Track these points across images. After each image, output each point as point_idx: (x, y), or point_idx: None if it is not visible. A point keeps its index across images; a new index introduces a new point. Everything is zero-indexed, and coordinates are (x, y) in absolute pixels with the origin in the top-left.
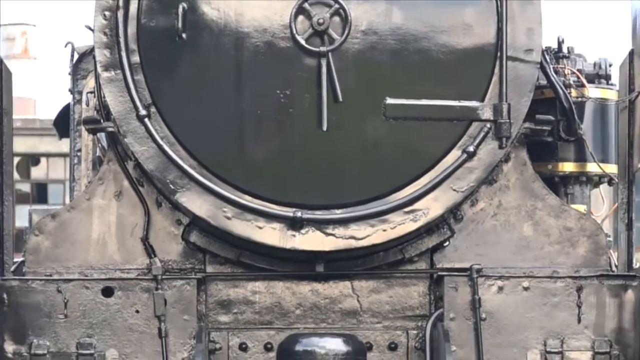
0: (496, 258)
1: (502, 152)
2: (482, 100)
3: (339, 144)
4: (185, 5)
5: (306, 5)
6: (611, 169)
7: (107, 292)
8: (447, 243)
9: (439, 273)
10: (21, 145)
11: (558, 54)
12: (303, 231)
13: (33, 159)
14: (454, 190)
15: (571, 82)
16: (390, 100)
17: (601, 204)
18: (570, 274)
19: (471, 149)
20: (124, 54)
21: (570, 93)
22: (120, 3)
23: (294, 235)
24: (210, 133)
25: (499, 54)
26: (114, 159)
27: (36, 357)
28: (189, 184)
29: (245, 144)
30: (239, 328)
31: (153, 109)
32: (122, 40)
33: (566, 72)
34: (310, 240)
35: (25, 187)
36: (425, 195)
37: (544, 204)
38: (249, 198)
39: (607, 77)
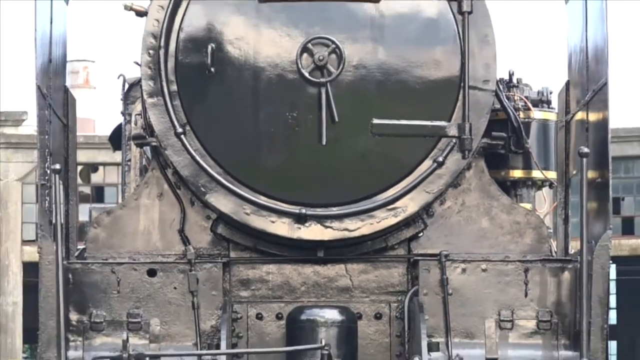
0: (460, 246)
1: (465, 162)
2: (449, 120)
3: (335, 155)
4: (213, 45)
5: (309, 45)
6: (551, 175)
7: (151, 273)
8: (421, 234)
9: (415, 258)
10: (83, 156)
11: (509, 84)
12: (307, 225)
13: (92, 167)
14: (427, 192)
15: (520, 106)
16: (376, 121)
17: (543, 203)
18: (519, 259)
19: (440, 159)
20: (164, 84)
21: (519, 115)
22: (162, 43)
23: (299, 228)
24: (233, 146)
25: (462, 84)
26: (157, 167)
27: (95, 325)
28: (216, 187)
29: (261, 155)
30: (256, 301)
31: (187, 128)
32: (163, 73)
33: (516, 98)
34: (313, 232)
35: (87, 190)
36: (403, 196)
37: (498, 203)
38: (264, 198)
39: (548, 102)
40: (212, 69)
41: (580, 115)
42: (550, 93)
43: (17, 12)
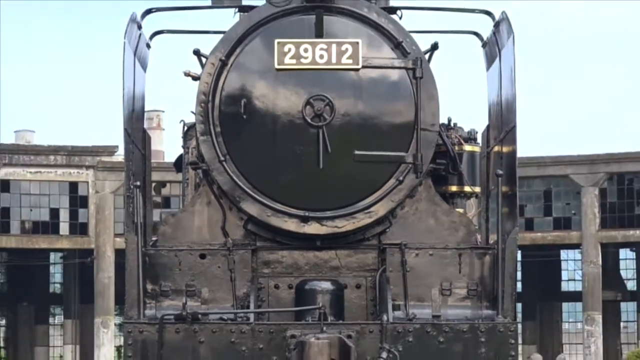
0: (414, 238)
1: (418, 180)
2: (407, 151)
3: (328, 175)
4: (245, 100)
5: (311, 100)
6: (477, 189)
7: (202, 256)
8: (388, 230)
9: (383, 246)
10: (156, 176)
11: (448, 126)
12: (309, 223)
13: (162, 184)
14: (392, 201)
15: (455, 142)
16: (357, 152)
17: (471, 208)
18: (455, 247)
19: (401, 178)
20: (211, 127)
21: (454, 148)
22: (210, 98)
23: (304, 225)
24: (258, 169)
25: (416, 127)
26: (206, 184)
27: (163, 292)
28: (247, 197)
29: (278, 175)
30: (274, 276)
31: (227, 157)
32: (210, 119)
33: (452, 136)
34: (313, 228)
35: (158, 199)
36: (375, 203)
37: (440, 208)
38: (280, 205)
39: (475, 139)
40: (244, 116)
41: (497, 148)
42: (476, 133)
43: (111, 72)
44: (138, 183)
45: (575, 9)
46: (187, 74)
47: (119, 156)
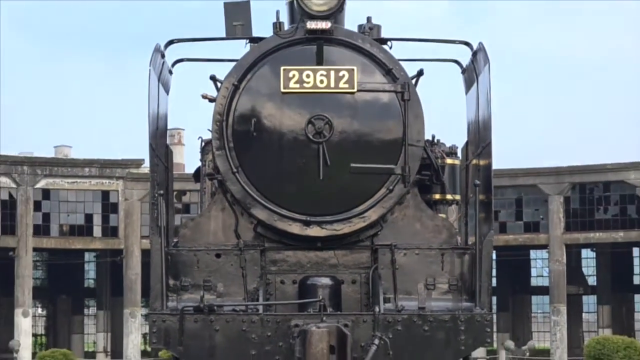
0: (402, 240)
1: (406, 189)
2: (396, 163)
3: (328, 185)
4: (255, 119)
5: (312, 119)
6: (457, 197)
7: (218, 255)
8: (379, 232)
9: (376, 246)
10: (177, 186)
11: (432, 142)
12: (311, 227)
13: (183, 192)
14: (383, 207)
15: (438, 156)
16: (352, 164)
17: (453, 213)
18: (438, 247)
19: (391, 187)
20: (225, 142)
21: (438, 161)
22: (224, 118)
23: (306, 229)
24: (267, 180)
25: (404, 143)
26: (221, 192)
27: (183, 287)
28: (256, 204)
29: (284, 185)
30: (280, 273)
31: (239, 169)
32: (224, 136)
33: (436, 151)
34: (314, 231)
35: (179, 206)
36: (369, 209)
37: (426, 214)
38: (285, 211)
39: (455, 153)
40: (254, 133)
41: (474, 161)
42: (456, 148)
43: (139, 95)
44: (161, 192)
45: (546, 36)
46: (204, 97)
47: (145, 168)
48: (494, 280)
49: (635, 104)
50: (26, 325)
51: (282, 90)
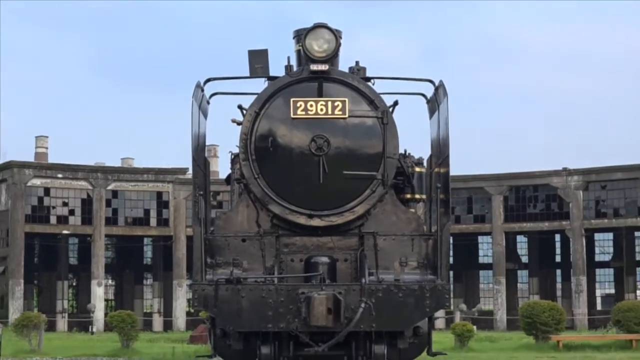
0: (382, 228)
1: (385, 190)
2: (378, 171)
3: (326, 188)
4: (271, 138)
5: (315, 138)
6: (424, 196)
7: (243, 240)
8: (365, 223)
9: (362, 234)
10: (212, 187)
11: (404, 155)
12: (314, 219)
13: (217, 193)
14: (368, 204)
15: (409, 165)
16: (345, 172)
17: (420, 208)
18: (409, 234)
19: (373, 189)
20: (249, 155)
21: (409, 169)
22: (249, 136)
23: (310, 220)
24: (280, 183)
25: (383, 155)
26: (246, 193)
27: (217, 264)
28: (272, 202)
29: (293, 187)
30: (290, 253)
31: (260, 175)
32: (248, 150)
33: (407, 162)
34: (316, 222)
35: (214, 203)
36: (357, 206)
37: (400, 209)
38: (294, 207)
39: (421, 163)
40: (271, 149)
41: (436, 169)
42: (423, 159)
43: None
44: (201, 192)
45: (490, 73)
46: (233, 121)
47: (189, 175)
48: (451, 259)
49: (552, 126)
50: (100, 293)
51: (292, 116)
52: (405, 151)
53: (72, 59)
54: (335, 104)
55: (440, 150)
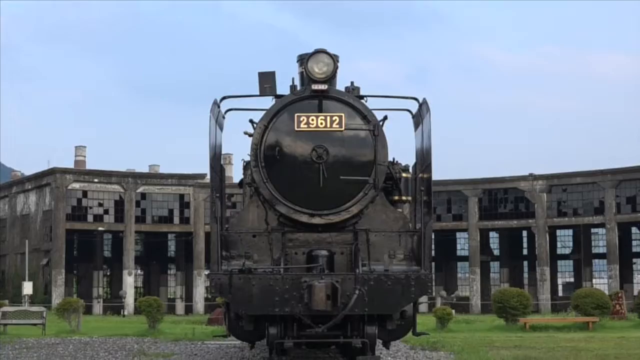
0: (374, 226)
1: (376, 193)
2: (370, 176)
3: (326, 190)
4: (278, 147)
5: (316, 148)
6: (409, 198)
7: (254, 236)
8: (359, 221)
9: (356, 230)
10: (227, 190)
11: (393, 163)
12: (315, 218)
13: (231, 195)
14: (361, 204)
15: (397, 171)
16: (341, 177)
17: (407, 209)
18: (397, 231)
19: (366, 192)
20: (259, 163)
21: (397, 175)
22: (259, 146)
23: (312, 219)
24: (286, 187)
25: (375, 163)
26: (256, 195)
27: (232, 256)
28: (279, 203)
29: (296, 190)
30: (294, 247)
31: (268, 180)
32: (259, 158)
33: (395, 168)
34: (317, 220)
35: (229, 204)
36: (352, 206)
37: (389, 209)
38: (298, 207)
39: (408, 170)
40: (278, 157)
41: (420, 175)
42: (409, 166)
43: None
44: (218, 194)
45: (466, 91)
46: (245, 133)
47: (207, 179)
48: (432, 252)
49: (521, 138)
50: (130, 281)
51: (296, 129)
52: (394, 159)
53: (107, 79)
54: (333, 118)
55: (424, 158)
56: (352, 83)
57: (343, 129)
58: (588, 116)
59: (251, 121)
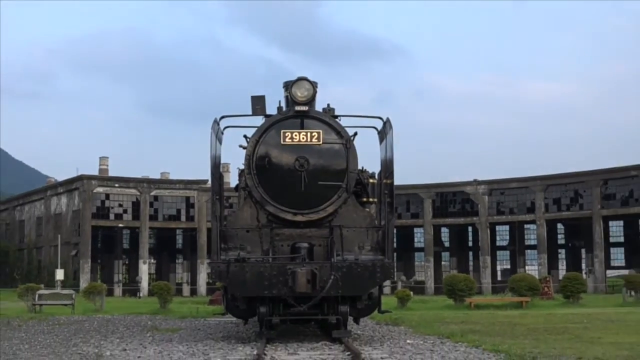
0: (346, 222)
1: (348, 196)
2: (343, 182)
3: (307, 194)
4: (267, 158)
5: (298, 158)
6: (375, 200)
7: (247, 231)
8: (334, 218)
9: (332, 226)
10: (225, 194)
11: (362, 171)
12: (297, 216)
13: (228, 197)
14: (335, 205)
15: (365, 178)
16: (320, 182)
17: (373, 209)
18: (365, 227)
19: (340, 195)
20: (251, 170)
21: (365, 181)
22: (251, 157)
23: (295, 217)
24: (274, 191)
25: (347, 171)
26: (249, 197)
27: (229, 248)
28: (268, 204)
29: (283, 193)
30: (281, 240)
31: (259, 184)
32: (251, 167)
33: (364, 175)
34: (299, 218)
35: (226, 205)
36: (328, 206)
37: (359, 209)
38: (284, 207)
39: (374, 177)
40: (267, 166)
41: (384, 180)
42: (375, 174)
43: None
44: (217, 197)
45: (421, 111)
46: (240, 146)
47: (209, 184)
48: (395, 244)
49: (468, 149)
50: (145, 268)
51: (282, 143)
52: (363, 167)
53: (125, 101)
54: (313, 134)
55: (387, 167)
56: (328, 105)
57: (321, 142)
58: (518, 131)
59: (245, 136)
